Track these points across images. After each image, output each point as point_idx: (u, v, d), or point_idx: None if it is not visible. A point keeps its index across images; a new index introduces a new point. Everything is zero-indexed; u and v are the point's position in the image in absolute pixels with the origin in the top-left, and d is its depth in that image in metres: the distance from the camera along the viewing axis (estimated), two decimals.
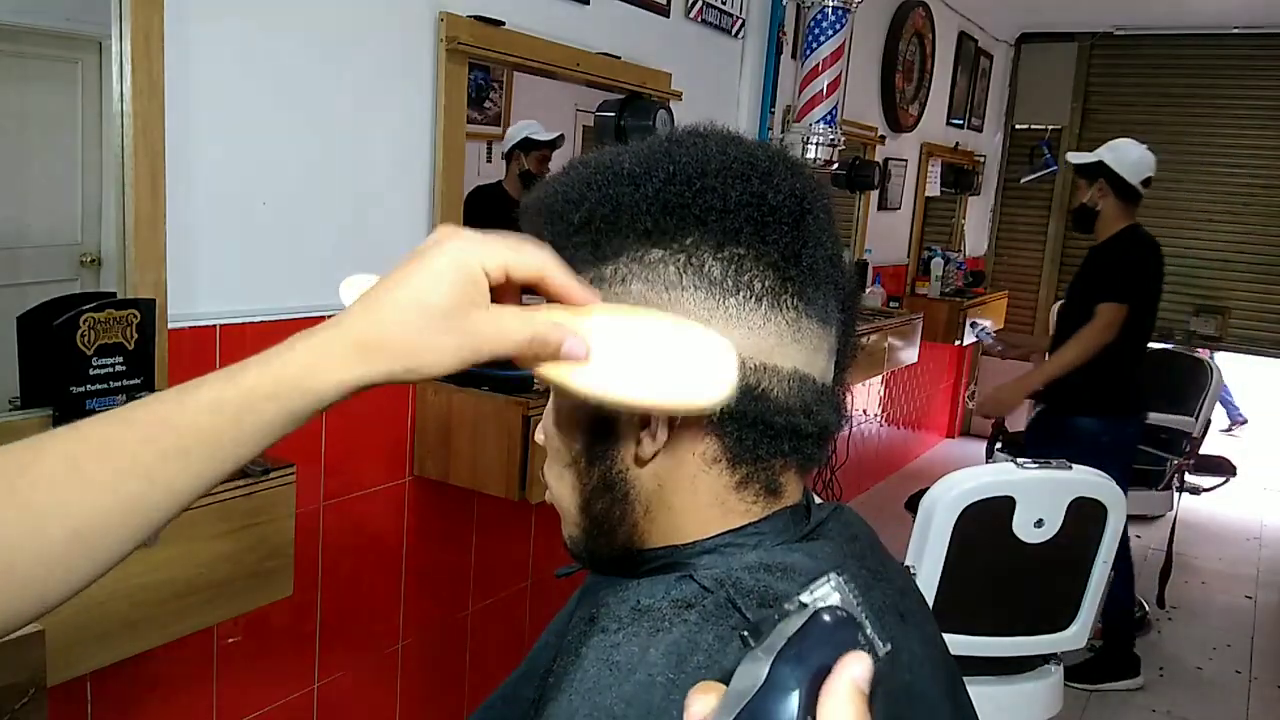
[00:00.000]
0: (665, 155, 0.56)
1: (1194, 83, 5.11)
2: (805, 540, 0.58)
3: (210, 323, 1.52)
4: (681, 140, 0.58)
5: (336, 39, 1.65)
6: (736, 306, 0.54)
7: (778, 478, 0.58)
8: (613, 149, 0.59)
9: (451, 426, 1.87)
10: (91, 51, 1.35)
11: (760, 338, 0.55)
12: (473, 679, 2.24)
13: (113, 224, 1.37)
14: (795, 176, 0.57)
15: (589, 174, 0.57)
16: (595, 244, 0.56)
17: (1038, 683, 2.04)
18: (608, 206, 0.56)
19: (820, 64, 2.84)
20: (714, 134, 0.59)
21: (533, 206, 0.60)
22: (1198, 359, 3.71)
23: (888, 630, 0.57)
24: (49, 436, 0.47)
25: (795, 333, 0.56)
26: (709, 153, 0.56)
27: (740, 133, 0.60)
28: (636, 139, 0.65)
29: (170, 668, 1.56)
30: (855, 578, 0.57)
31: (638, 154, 0.57)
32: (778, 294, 0.55)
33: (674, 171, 0.55)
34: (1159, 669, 3.17)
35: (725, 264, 0.54)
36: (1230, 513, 4.69)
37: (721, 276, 0.54)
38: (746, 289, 0.54)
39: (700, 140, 0.58)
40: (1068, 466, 1.88)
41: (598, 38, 2.22)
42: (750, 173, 0.56)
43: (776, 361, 0.55)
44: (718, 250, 0.54)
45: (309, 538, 1.75)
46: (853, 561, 0.59)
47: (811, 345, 0.57)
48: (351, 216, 1.74)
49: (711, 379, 0.49)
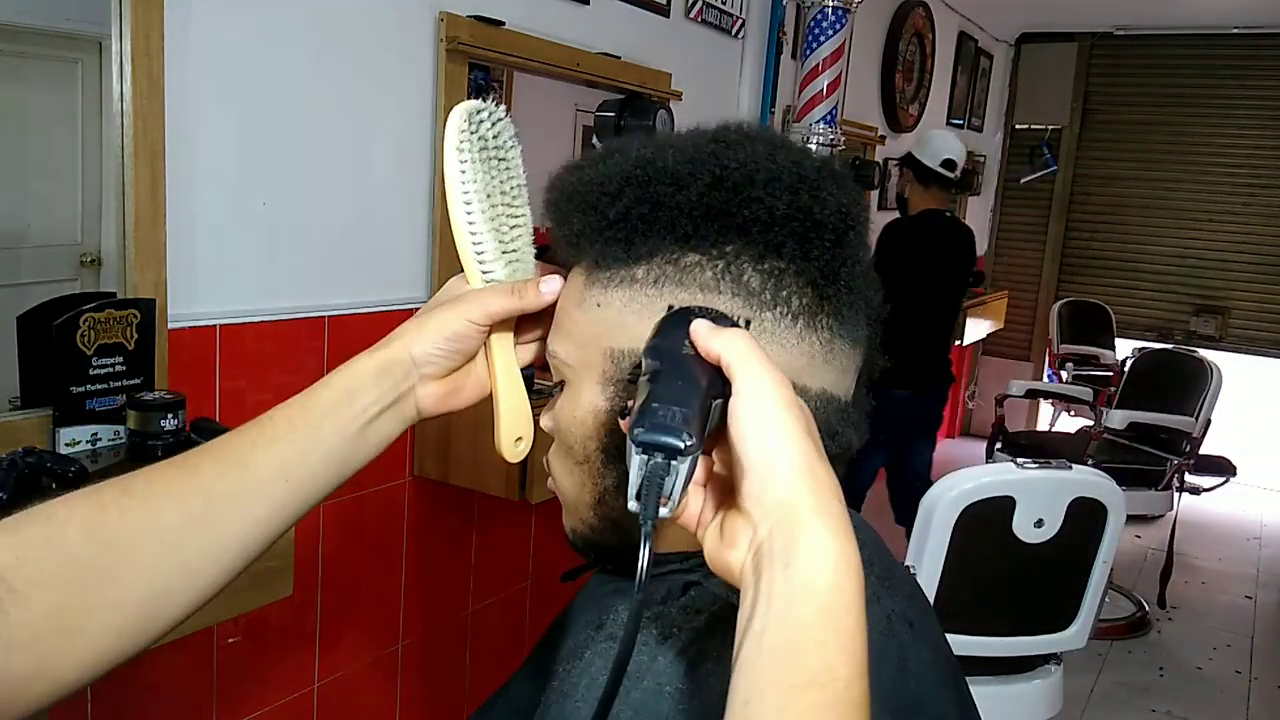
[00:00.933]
0: (712, 157, 0.54)
1: (1194, 82, 5.11)
2: None
3: (210, 323, 1.52)
4: (729, 142, 0.56)
5: (337, 39, 1.65)
6: (772, 321, 0.53)
7: None
8: (653, 141, 0.57)
9: (451, 427, 1.87)
10: (92, 51, 1.35)
11: (792, 356, 0.53)
12: (473, 679, 2.24)
13: (113, 224, 1.36)
14: (841, 190, 0.55)
15: (629, 167, 0.55)
16: (628, 241, 0.54)
17: (1038, 682, 2.04)
18: (646, 205, 0.54)
19: (820, 64, 2.84)
20: (762, 137, 0.57)
21: (563, 191, 0.58)
22: (1198, 359, 3.71)
23: (898, 639, 0.56)
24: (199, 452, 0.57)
25: (827, 354, 0.55)
26: (758, 159, 0.54)
27: (785, 137, 0.59)
28: None
29: (170, 668, 1.56)
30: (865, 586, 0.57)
31: (682, 152, 0.55)
32: (814, 313, 0.54)
33: (721, 176, 0.53)
34: (1159, 669, 3.17)
35: (765, 276, 0.53)
36: (1230, 513, 4.69)
37: (760, 289, 0.53)
38: (784, 304, 0.53)
39: (749, 144, 0.55)
40: (1068, 466, 1.89)
41: (598, 38, 2.22)
42: (799, 185, 0.54)
43: (805, 382, 0.54)
44: (758, 261, 0.53)
45: (309, 538, 1.75)
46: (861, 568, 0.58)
47: (840, 366, 0.56)
48: (352, 216, 1.74)
49: (449, 127, 0.57)
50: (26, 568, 0.49)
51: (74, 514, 0.52)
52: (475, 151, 0.57)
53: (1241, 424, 6.66)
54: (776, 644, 0.39)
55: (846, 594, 0.40)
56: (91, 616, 0.51)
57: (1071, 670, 2.38)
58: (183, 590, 0.54)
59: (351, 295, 1.75)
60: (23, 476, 1.11)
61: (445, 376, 0.59)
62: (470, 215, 0.58)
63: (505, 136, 0.59)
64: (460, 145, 0.57)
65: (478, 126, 0.58)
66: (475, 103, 0.58)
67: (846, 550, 0.40)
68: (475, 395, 0.62)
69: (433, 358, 0.58)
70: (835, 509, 0.41)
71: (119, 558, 0.52)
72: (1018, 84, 5.57)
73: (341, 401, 0.57)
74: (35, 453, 1.15)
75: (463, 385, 0.61)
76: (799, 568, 0.40)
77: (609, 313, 0.55)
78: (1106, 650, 3.23)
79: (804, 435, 0.42)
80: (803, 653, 0.39)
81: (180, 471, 0.55)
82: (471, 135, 0.57)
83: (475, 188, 0.57)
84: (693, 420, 0.40)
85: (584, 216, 0.56)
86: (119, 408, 1.30)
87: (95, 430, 1.29)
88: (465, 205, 0.58)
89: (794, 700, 0.38)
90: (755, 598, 0.40)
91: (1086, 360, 4.97)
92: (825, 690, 0.38)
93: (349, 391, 0.57)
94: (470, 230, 0.58)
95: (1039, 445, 3.76)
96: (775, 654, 0.39)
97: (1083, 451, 3.48)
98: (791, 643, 0.39)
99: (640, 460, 0.40)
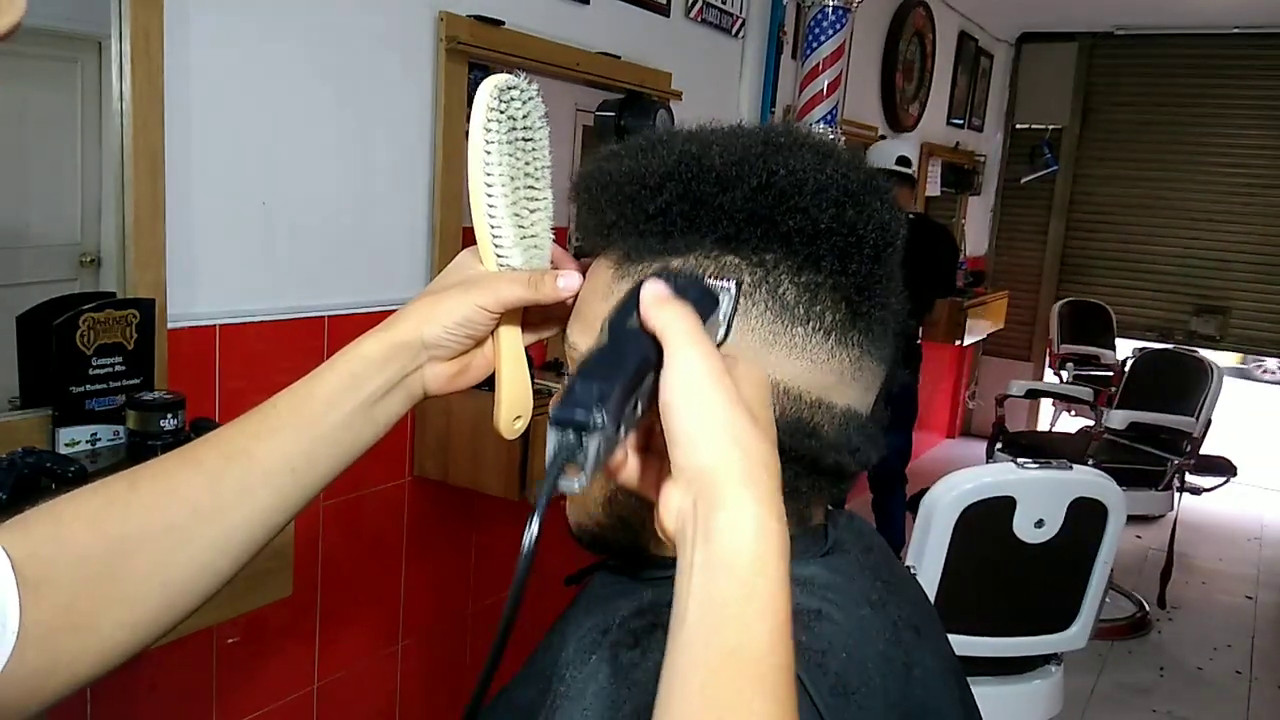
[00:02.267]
0: (760, 160, 0.53)
1: (1194, 82, 5.11)
2: (824, 555, 0.57)
3: (210, 322, 1.51)
4: (779, 145, 0.54)
5: (336, 39, 1.65)
6: (804, 337, 0.52)
7: (809, 509, 0.58)
8: (698, 137, 0.56)
9: (451, 427, 1.87)
10: (91, 51, 1.35)
11: (822, 373, 0.53)
12: (473, 679, 2.23)
13: (112, 224, 1.36)
14: (884, 205, 0.54)
15: (672, 162, 0.54)
16: (666, 234, 0.53)
17: (1038, 683, 2.04)
18: (688, 203, 0.52)
19: (820, 63, 2.84)
20: (810, 143, 0.55)
21: (600, 180, 0.57)
22: (1198, 359, 3.71)
23: (904, 645, 0.56)
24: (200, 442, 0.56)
25: (856, 371, 0.54)
26: (807, 168, 0.53)
27: (835, 144, 0.57)
28: None
29: (169, 667, 1.56)
30: (872, 592, 0.57)
31: (729, 151, 0.53)
32: (846, 330, 0.53)
33: (768, 182, 0.52)
34: (1159, 669, 3.17)
35: (801, 290, 0.52)
36: (1231, 513, 4.69)
37: (794, 302, 0.52)
38: (817, 319, 0.52)
39: (798, 150, 0.54)
40: (1068, 466, 1.88)
41: (597, 37, 2.22)
42: (845, 199, 0.52)
43: (833, 399, 0.53)
44: (796, 274, 0.52)
45: (308, 538, 1.75)
46: (869, 574, 0.58)
47: (866, 383, 0.55)
48: (351, 216, 1.74)
49: (476, 101, 0.55)
50: (37, 565, 0.49)
51: (81, 511, 0.52)
52: (503, 133, 0.55)
53: (1242, 425, 6.68)
54: (697, 619, 0.39)
55: (768, 565, 0.39)
56: (102, 613, 0.51)
57: (1072, 671, 2.38)
58: (193, 583, 0.54)
59: (351, 295, 1.75)
60: (22, 477, 1.11)
61: (454, 359, 0.59)
62: (491, 200, 0.56)
63: (535, 116, 0.57)
64: (488, 124, 0.54)
65: (507, 105, 0.55)
66: (507, 77, 0.55)
67: (767, 520, 0.40)
68: (482, 374, 0.61)
69: (444, 341, 0.57)
70: (763, 480, 0.40)
71: (127, 555, 0.52)
72: (1018, 84, 5.56)
73: (348, 387, 0.56)
74: (35, 453, 1.15)
75: (470, 365, 0.60)
76: (718, 539, 0.39)
77: None
78: (1107, 651, 3.23)
79: (732, 405, 0.41)
80: (722, 626, 0.39)
81: (185, 466, 0.55)
82: (501, 114, 0.55)
83: (499, 171, 0.55)
84: (610, 397, 0.40)
85: (621, 208, 0.55)
86: (119, 408, 1.30)
87: (95, 430, 1.29)
88: (487, 189, 0.56)
89: (715, 676, 0.38)
90: (679, 570, 0.41)
91: (1087, 360, 4.97)
92: (745, 662, 0.38)
93: (355, 376, 0.56)
94: (490, 215, 0.56)
95: (1039, 445, 3.75)
96: (696, 629, 0.39)
97: (1083, 452, 3.48)
98: (711, 617, 0.39)
99: (555, 436, 0.41)
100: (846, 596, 0.54)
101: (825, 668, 0.49)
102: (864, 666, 0.51)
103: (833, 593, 0.53)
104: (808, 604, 0.52)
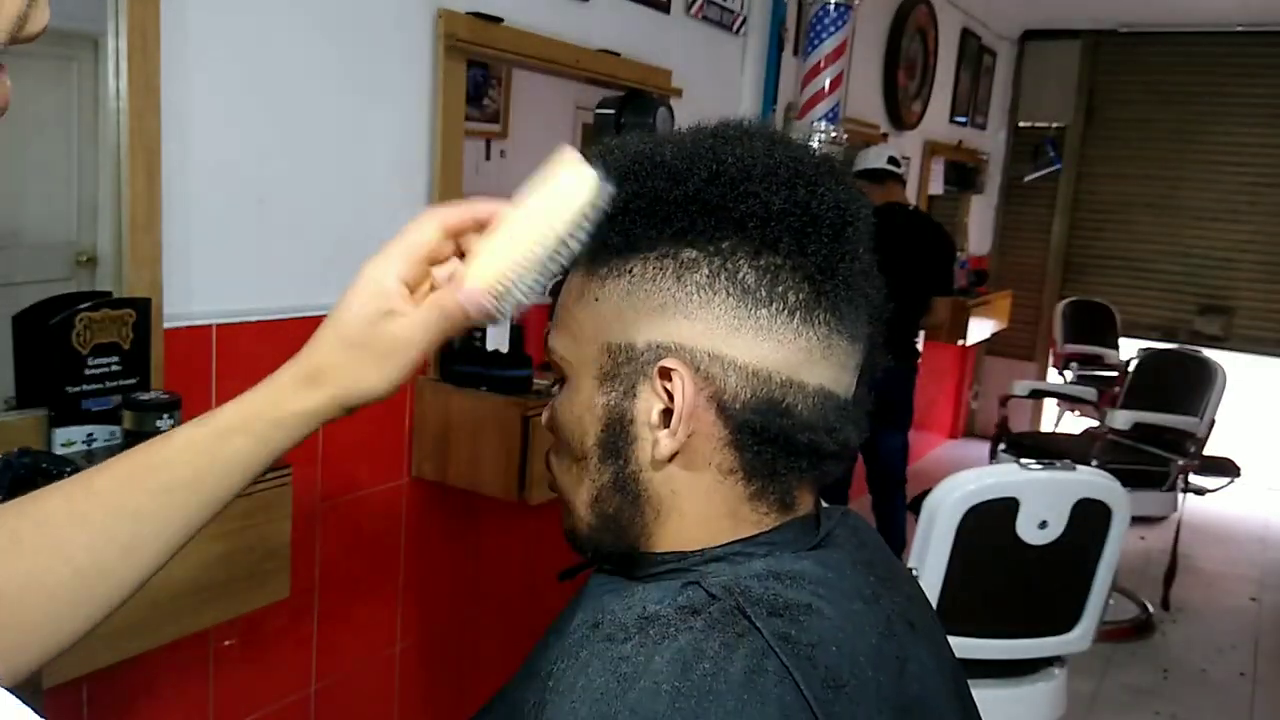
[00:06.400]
0: (710, 152, 0.54)
1: (1198, 80, 5.09)
2: (815, 549, 0.57)
3: (206, 322, 1.51)
4: (727, 137, 0.56)
5: (334, 36, 1.64)
6: (768, 318, 0.53)
7: (792, 492, 0.57)
8: (652, 137, 0.57)
9: (450, 427, 1.86)
10: (87, 49, 1.34)
11: (789, 352, 0.54)
12: (472, 681, 2.23)
13: (108, 223, 1.36)
14: (840, 185, 0.55)
15: (627, 163, 0.55)
16: (627, 234, 0.54)
17: (1041, 685, 2.03)
18: (645, 199, 0.54)
19: (822, 61, 2.82)
20: (760, 133, 0.57)
21: None
22: (1202, 359, 3.70)
23: (898, 639, 0.56)
24: (55, 486, 0.54)
25: (825, 349, 0.55)
26: (755, 154, 0.54)
27: (786, 133, 0.59)
28: None
29: (166, 670, 1.55)
30: (865, 587, 0.57)
31: (680, 147, 0.55)
32: (810, 308, 0.54)
33: (718, 170, 0.54)
34: (1163, 671, 3.15)
35: (760, 273, 0.53)
36: (1235, 514, 4.68)
37: (755, 285, 0.53)
38: (780, 300, 0.53)
39: (747, 140, 0.56)
40: (1072, 467, 1.87)
41: (597, 35, 2.21)
42: (796, 180, 0.54)
43: (803, 378, 0.54)
44: (754, 258, 0.53)
45: (306, 539, 1.74)
46: (862, 569, 0.58)
47: (839, 362, 0.56)
48: (349, 215, 1.73)
49: (578, 181, 0.54)
50: None
51: None
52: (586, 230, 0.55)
53: (1247, 424, 6.65)
54: None
55: None
56: None
57: (1075, 673, 2.37)
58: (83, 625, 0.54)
59: None
60: (18, 477, 1.10)
61: None
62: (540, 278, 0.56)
63: None
64: (582, 222, 0.54)
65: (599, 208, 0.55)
66: (602, 181, 0.54)
67: None
68: None
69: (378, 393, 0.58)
70: None
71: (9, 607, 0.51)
72: (1021, 81, 5.55)
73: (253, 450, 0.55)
74: (30, 453, 1.15)
75: None
76: None
77: (606, 307, 0.56)
78: (1110, 653, 3.21)
79: None
80: None
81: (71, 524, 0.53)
82: (590, 214, 0.55)
83: (557, 265, 0.55)
84: None
85: None
86: (115, 408, 1.29)
87: (91, 430, 1.28)
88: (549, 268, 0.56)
89: None
90: None
91: (1091, 360, 4.95)
92: None
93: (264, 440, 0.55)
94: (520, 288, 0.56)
95: (1043, 446, 3.74)
96: None
97: (1087, 452, 3.47)
98: None
99: None
100: (838, 591, 0.54)
101: (815, 661, 0.50)
102: (855, 660, 0.52)
103: (824, 588, 0.54)
104: (798, 598, 0.52)
